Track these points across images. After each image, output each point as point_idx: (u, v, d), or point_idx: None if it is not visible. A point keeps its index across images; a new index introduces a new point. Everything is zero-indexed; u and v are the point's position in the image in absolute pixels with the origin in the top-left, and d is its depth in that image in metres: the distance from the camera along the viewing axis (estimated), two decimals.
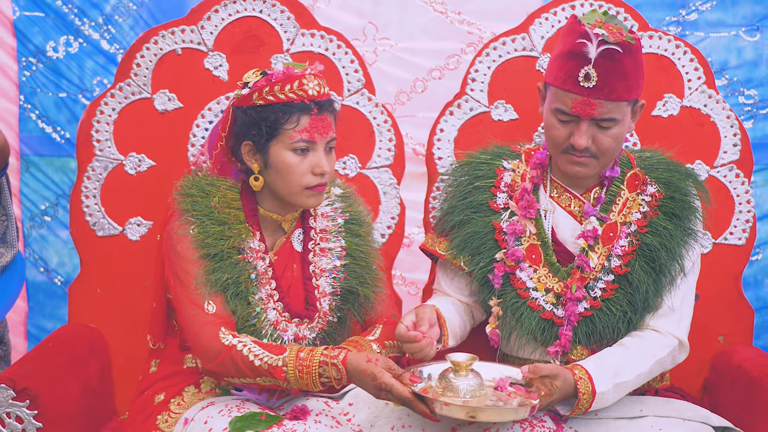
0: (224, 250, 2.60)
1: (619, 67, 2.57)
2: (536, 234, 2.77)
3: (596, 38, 2.55)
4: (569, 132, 2.63)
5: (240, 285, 2.61)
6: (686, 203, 2.76)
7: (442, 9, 4.02)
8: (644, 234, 2.72)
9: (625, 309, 2.70)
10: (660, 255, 2.69)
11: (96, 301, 3.12)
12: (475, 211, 2.82)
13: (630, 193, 2.77)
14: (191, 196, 2.66)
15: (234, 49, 3.14)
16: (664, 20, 3.99)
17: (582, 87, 2.57)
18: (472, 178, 2.86)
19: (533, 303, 2.73)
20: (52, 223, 4.13)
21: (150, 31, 3.15)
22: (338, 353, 2.43)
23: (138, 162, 3.13)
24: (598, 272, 2.72)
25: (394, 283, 3.36)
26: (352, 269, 2.78)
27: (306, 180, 2.60)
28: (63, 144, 4.08)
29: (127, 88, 3.12)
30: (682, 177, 2.79)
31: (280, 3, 3.15)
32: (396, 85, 4.06)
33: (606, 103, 2.58)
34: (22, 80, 4.05)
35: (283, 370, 2.45)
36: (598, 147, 2.63)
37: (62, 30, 4.01)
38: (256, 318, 2.63)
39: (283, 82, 2.57)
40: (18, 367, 2.71)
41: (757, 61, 4.02)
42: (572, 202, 2.79)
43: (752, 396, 2.81)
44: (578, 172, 2.69)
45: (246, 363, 2.47)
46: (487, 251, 2.78)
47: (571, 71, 2.58)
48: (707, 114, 3.14)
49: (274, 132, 2.58)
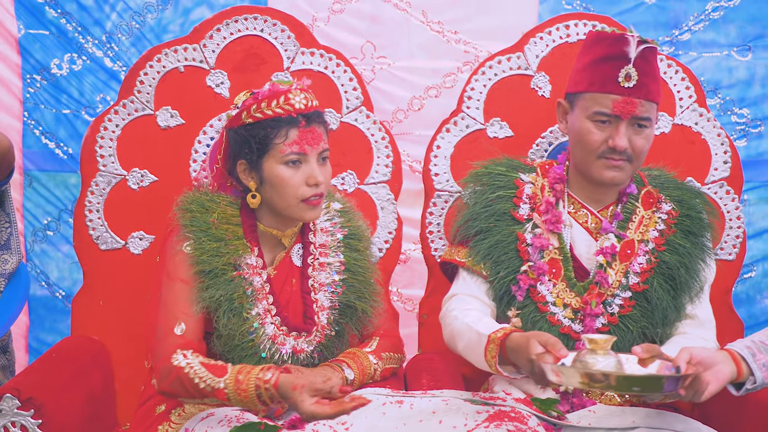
0: (219, 267, 2.63)
1: (651, 68, 2.67)
2: (558, 248, 2.79)
3: (633, 38, 2.63)
4: (607, 135, 2.68)
5: (234, 301, 2.64)
6: (701, 221, 2.82)
7: (438, 28, 4.06)
8: (662, 252, 2.77)
9: (641, 325, 2.73)
10: (680, 273, 2.74)
11: (99, 314, 3.15)
12: (498, 219, 2.83)
13: (646, 211, 2.81)
14: (190, 212, 2.69)
15: (235, 67, 3.18)
16: (657, 40, 4.02)
17: (623, 87, 2.65)
18: (494, 188, 2.87)
19: (552, 317, 2.75)
20: (53, 238, 4.17)
21: (153, 49, 3.20)
22: (270, 377, 2.43)
23: (141, 177, 3.18)
24: (615, 289, 2.75)
25: (391, 300, 3.39)
26: (351, 284, 2.81)
27: (301, 192, 2.63)
28: (66, 159, 4.12)
29: (130, 105, 3.16)
30: (693, 195, 2.86)
31: (281, 22, 3.20)
32: (393, 103, 4.09)
33: (645, 102, 2.66)
34: (26, 96, 4.08)
35: (225, 392, 2.47)
36: (633, 149, 2.68)
37: (66, 47, 4.06)
38: (254, 333, 2.66)
39: (269, 99, 2.61)
40: (23, 377, 2.72)
41: (749, 80, 4.07)
42: (588, 218, 2.81)
43: (741, 408, 2.81)
44: (614, 177, 2.72)
45: (192, 384, 2.50)
46: (508, 260, 2.80)
47: (609, 73, 2.66)
48: (698, 132, 3.18)
49: (265, 148, 2.61)
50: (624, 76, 2.64)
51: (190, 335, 2.61)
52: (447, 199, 3.20)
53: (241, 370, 2.49)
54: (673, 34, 4.05)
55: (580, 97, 2.72)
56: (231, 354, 2.66)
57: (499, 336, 2.54)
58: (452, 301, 2.84)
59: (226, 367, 2.51)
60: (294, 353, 2.72)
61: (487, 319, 2.71)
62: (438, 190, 3.19)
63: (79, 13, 4.04)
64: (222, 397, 2.48)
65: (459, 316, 2.74)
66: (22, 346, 4.14)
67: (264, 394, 2.44)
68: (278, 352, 2.69)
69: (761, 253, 4.15)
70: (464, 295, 2.83)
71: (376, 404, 2.57)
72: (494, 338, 2.54)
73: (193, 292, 2.63)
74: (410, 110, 4.11)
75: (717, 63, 4.07)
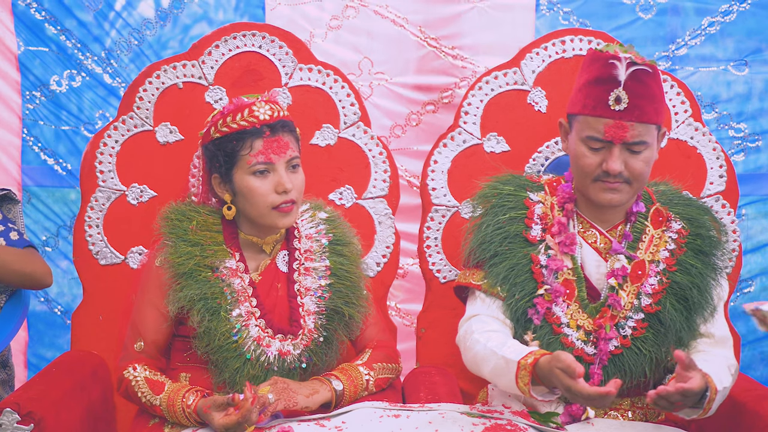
0: (192, 268, 2.70)
1: (646, 89, 2.60)
2: (572, 269, 2.75)
3: (624, 60, 2.58)
4: (601, 159, 2.64)
5: (209, 300, 2.69)
6: (712, 240, 2.77)
7: (436, 44, 4.08)
8: (674, 273, 2.73)
9: (654, 347, 2.70)
10: (692, 293, 2.70)
11: (98, 329, 3.16)
12: (512, 242, 2.78)
13: (655, 230, 2.77)
14: (170, 220, 2.78)
15: (234, 83, 3.20)
16: (654, 55, 4.05)
17: (613, 111, 2.59)
18: (505, 209, 2.82)
19: (566, 339, 2.71)
20: (52, 254, 4.18)
21: (152, 65, 3.22)
22: (191, 402, 2.60)
23: (140, 192, 3.20)
24: (628, 311, 2.72)
25: (390, 315, 3.40)
26: (337, 289, 2.82)
27: (271, 200, 2.68)
28: (64, 176, 4.14)
29: (129, 121, 3.18)
30: (701, 212, 2.82)
31: (279, 39, 3.22)
32: (391, 118, 4.12)
33: (637, 125, 2.60)
34: (25, 113, 4.10)
35: (160, 408, 2.65)
36: (631, 172, 2.64)
37: (65, 64, 4.08)
38: (237, 335, 2.69)
39: (234, 113, 2.68)
40: (22, 392, 2.73)
41: (746, 94, 4.09)
42: (598, 238, 2.77)
43: (738, 421, 2.82)
44: (612, 199, 2.68)
45: (136, 397, 2.69)
46: (523, 283, 2.75)
47: (600, 96, 2.61)
48: (694, 146, 3.19)
49: (233, 160, 2.69)
50: (614, 99, 2.60)
51: (148, 352, 2.76)
52: (444, 213, 3.22)
53: (173, 390, 2.65)
54: (670, 49, 4.07)
55: (576, 119, 2.70)
56: (215, 356, 2.70)
57: (529, 362, 2.50)
58: (472, 322, 2.78)
59: (164, 384, 2.67)
60: (280, 356, 2.73)
61: (512, 342, 2.65)
62: (435, 205, 3.20)
63: (79, 29, 4.07)
64: (159, 412, 2.66)
65: (481, 339, 2.69)
66: (20, 361, 4.14)
67: (189, 415, 2.61)
68: (264, 354, 2.72)
69: (759, 267, 4.15)
70: (484, 316, 2.78)
71: (373, 416, 2.59)
72: (524, 365, 2.51)
73: (158, 310, 2.74)
74: (408, 126, 4.13)
75: (714, 78, 4.09)
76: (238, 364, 2.68)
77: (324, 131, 3.22)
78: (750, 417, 2.78)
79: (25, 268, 3.11)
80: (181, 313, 2.71)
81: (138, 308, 2.77)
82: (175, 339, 2.79)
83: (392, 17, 4.08)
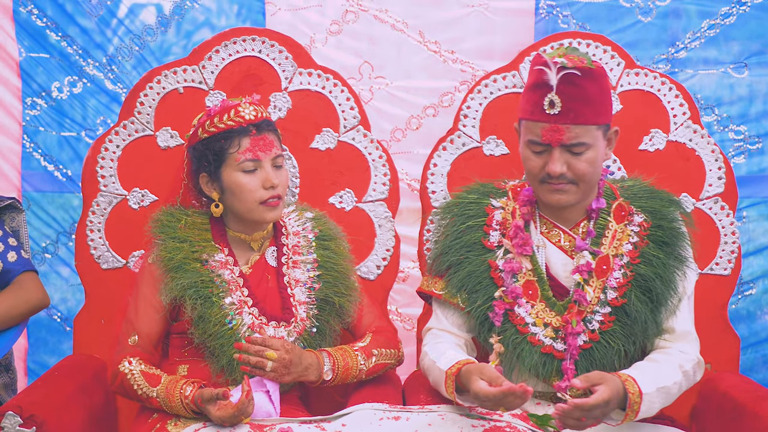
0: (182, 261, 2.79)
1: (581, 91, 2.62)
2: (532, 270, 2.78)
3: (555, 66, 2.61)
4: (544, 162, 2.68)
5: (201, 288, 2.78)
6: (674, 230, 2.79)
7: (435, 48, 4.10)
8: (637, 265, 2.75)
9: (623, 340, 2.72)
10: (656, 285, 2.72)
11: (100, 333, 3.17)
12: (470, 250, 2.83)
13: (618, 225, 2.79)
14: (160, 222, 2.87)
15: (234, 88, 3.22)
16: (654, 58, 4.06)
17: (548, 114, 2.63)
18: (464, 218, 2.87)
19: (533, 338, 2.74)
20: (52, 260, 4.19)
21: (153, 70, 3.24)
22: (189, 393, 2.65)
23: (141, 197, 3.22)
24: (594, 305, 2.74)
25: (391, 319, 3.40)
26: (326, 280, 2.91)
27: (259, 195, 2.79)
28: (65, 182, 4.15)
29: (131, 126, 3.20)
30: (666, 204, 2.83)
31: (279, 43, 3.24)
32: (391, 122, 4.13)
33: (573, 127, 2.63)
34: (26, 119, 4.12)
35: (157, 400, 2.70)
36: (574, 172, 2.67)
37: (67, 71, 4.10)
38: (232, 322, 2.77)
39: (221, 113, 2.80)
40: (25, 395, 2.75)
41: (746, 97, 4.10)
42: (562, 237, 2.80)
43: (738, 422, 2.84)
44: (559, 200, 2.71)
45: (132, 390, 2.75)
46: (483, 289, 2.80)
47: (537, 101, 2.65)
48: (692, 148, 3.20)
49: (221, 158, 2.79)
50: (548, 103, 2.63)
51: (142, 347, 2.81)
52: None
53: (171, 381, 2.71)
54: (670, 52, 4.08)
55: (522, 124, 2.75)
56: (211, 343, 2.77)
57: (453, 372, 2.61)
58: (427, 335, 2.90)
59: (161, 377, 2.73)
60: None
61: (451, 352, 2.73)
62: (435, 208, 3.21)
63: (81, 36, 4.08)
64: (156, 404, 2.71)
65: (429, 352, 2.79)
66: (20, 368, 4.15)
67: (187, 406, 2.65)
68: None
69: (761, 270, 4.15)
70: (436, 329, 2.88)
71: (373, 419, 2.60)
72: (449, 374, 2.62)
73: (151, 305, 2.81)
74: (408, 129, 4.14)
75: (714, 80, 4.09)
76: (234, 351, 2.74)
77: (324, 135, 3.24)
78: (750, 418, 2.79)
79: (20, 308, 3.18)
80: (175, 307, 2.80)
81: (132, 304, 2.85)
82: (171, 336, 2.86)
83: (392, 22, 4.10)
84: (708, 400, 3.07)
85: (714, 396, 3.03)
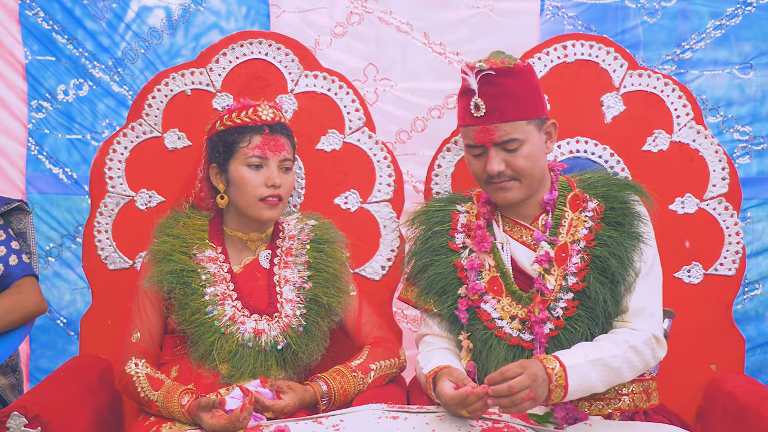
0: (169, 250, 2.88)
1: (502, 90, 2.69)
2: (495, 266, 2.83)
3: (472, 70, 2.69)
4: (484, 163, 2.74)
5: (183, 276, 2.85)
6: (627, 210, 2.80)
7: (440, 50, 4.11)
8: (593, 248, 2.76)
9: (588, 323, 2.73)
10: (611, 264, 2.73)
11: (106, 333, 3.19)
12: (437, 253, 2.88)
13: (573, 213, 2.82)
14: (161, 223, 2.96)
15: (241, 90, 3.24)
16: (659, 59, 4.07)
17: (476, 117, 2.71)
18: (431, 224, 2.93)
19: (500, 332, 2.77)
20: (56, 264, 4.21)
21: (161, 73, 3.27)
22: (185, 403, 2.70)
23: (149, 198, 3.24)
24: (557, 293, 2.76)
25: (396, 320, 3.41)
26: (317, 280, 2.95)
27: (260, 191, 2.86)
28: (70, 185, 4.17)
29: (138, 128, 3.23)
30: (620, 188, 2.84)
31: (285, 46, 3.27)
32: (396, 124, 4.14)
33: (501, 125, 2.70)
34: (32, 122, 4.14)
35: (157, 404, 2.76)
36: (513, 169, 2.73)
37: (73, 73, 4.12)
38: (212, 311, 2.83)
39: (239, 110, 2.90)
40: (30, 396, 2.77)
41: (751, 98, 4.09)
42: (524, 233, 2.84)
43: (742, 422, 2.84)
44: (505, 197, 2.77)
45: (135, 392, 2.81)
46: (451, 290, 2.84)
47: (465, 107, 2.74)
48: (696, 149, 3.20)
49: (231, 151, 2.89)
50: (474, 106, 2.71)
51: (145, 343, 2.89)
52: None
53: (171, 387, 2.76)
54: (675, 53, 4.08)
55: (461, 131, 2.82)
56: (190, 329, 2.83)
57: (430, 374, 2.69)
58: (420, 344, 2.92)
59: (163, 382, 2.79)
60: (255, 334, 2.84)
61: (437, 358, 2.77)
62: None
63: (88, 39, 4.11)
64: (155, 408, 2.77)
65: (419, 360, 2.84)
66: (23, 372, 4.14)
67: (183, 415, 2.71)
68: (238, 330, 2.84)
69: (767, 270, 4.15)
70: (428, 336, 2.91)
71: (371, 417, 2.61)
72: (428, 377, 2.70)
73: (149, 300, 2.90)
74: (413, 131, 4.15)
75: (719, 81, 4.09)
76: (213, 338, 2.81)
77: (329, 136, 3.26)
78: (754, 418, 2.80)
79: (17, 312, 3.22)
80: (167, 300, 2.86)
81: (134, 302, 2.92)
82: (165, 336, 2.92)
83: (397, 23, 4.11)
84: (713, 401, 3.07)
85: (719, 396, 3.04)
